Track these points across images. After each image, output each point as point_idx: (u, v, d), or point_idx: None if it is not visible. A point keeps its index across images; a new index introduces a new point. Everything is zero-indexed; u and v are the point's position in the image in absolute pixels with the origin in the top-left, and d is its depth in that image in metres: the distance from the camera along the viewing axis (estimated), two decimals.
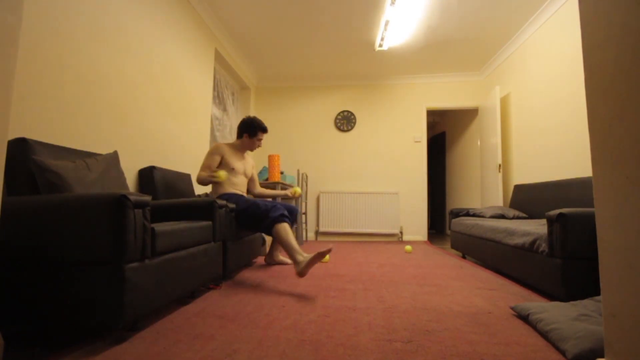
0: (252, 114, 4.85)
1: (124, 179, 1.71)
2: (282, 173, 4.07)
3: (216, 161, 2.35)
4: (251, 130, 2.47)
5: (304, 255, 1.86)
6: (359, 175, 4.76)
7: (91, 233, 1.07)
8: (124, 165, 2.07)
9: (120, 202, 1.07)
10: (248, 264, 2.66)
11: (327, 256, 2.77)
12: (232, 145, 2.51)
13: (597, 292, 1.53)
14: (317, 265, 2.58)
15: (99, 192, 1.13)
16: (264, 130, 2.50)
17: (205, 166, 2.33)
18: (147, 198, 1.19)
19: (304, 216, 4.41)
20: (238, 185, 2.45)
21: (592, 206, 2.03)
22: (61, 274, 1.08)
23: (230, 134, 4.29)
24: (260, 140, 2.52)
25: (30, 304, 1.08)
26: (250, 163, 2.64)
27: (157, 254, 1.25)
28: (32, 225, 1.10)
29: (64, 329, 1.08)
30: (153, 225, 1.29)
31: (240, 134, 2.51)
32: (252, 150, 2.55)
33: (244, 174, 2.52)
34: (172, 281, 1.36)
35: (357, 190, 4.65)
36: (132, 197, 1.10)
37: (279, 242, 2.03)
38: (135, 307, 1.11)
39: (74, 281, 1.07)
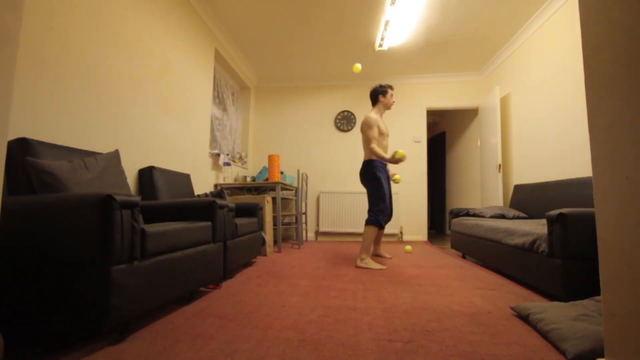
0: (252, 114, 4.85)
1: (124, 179, 1.71)
2: (282, 173, 4.07)
3: (376, 132, 2.72)
4: (383, 91, 2.84)
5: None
6: (359, 176, 4.76)
7: (77, 234, 1.05)
8: (124, 164, 2.08)
9: (105, 202, 1.05)
10: (248, 263, 2.66)
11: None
12: (377, 113, 2.85)
13: (597, 292, 1.53)
14: (317, 265, 2.58)
15: (85, 192, 1.11)
16: (391, 87, 2.89)
17: (374, 139, 2.69)
18: (136, 198, 1.16)
19: (303, 216, 4.41)
20: (386, 147, 2.85)
21: (592, 206, 2.03)
22: (48, 274, 1.07)
23: (230, 134, 4.29)
24: (392, 95, 2.88)
25: (22, 304, 1.08)
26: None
27: (147, 255, 1.23)
28: (21, 225, 1.10)
29: (54, 331, 1.07)
30: (145, 226, 1.26)
31: (375, 100, 2.87)
32: (389, 108, 2.90)
33: (387, 134, 2.86)
34: (166, 283, 1.33)
35: (357, 190, 4.65)
36: (118, 198, 1.07)
37: (364, 238, 2.63)
38: (123, 310, 1.08)
39: (61, 282, 1.06)
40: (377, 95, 2.86)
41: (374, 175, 2.70)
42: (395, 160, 2.55)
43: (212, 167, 3.47)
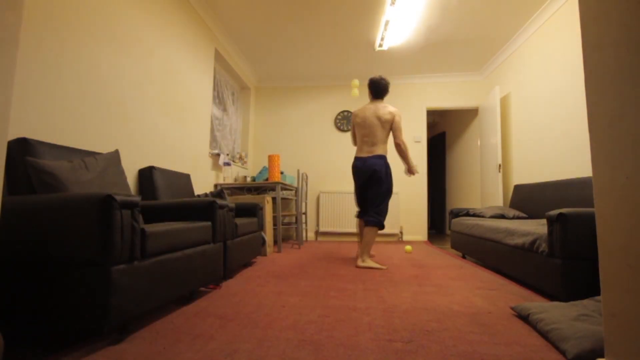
0: (252, 114, 4.85)
1: (124, 179, 1.71)
2: (282, 173, 4.07)
3: None
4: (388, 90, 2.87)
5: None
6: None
7: (77, 234, 1.04)
8: (124, 164, 2.07)
9: (105, 202, 1.05)
10: (248, 263, 2.66)
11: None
12: None
13: (597, 292, 1.53)
14: (317, 265, 2.58)
15: (85, 192, 1.10)
16: None
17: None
18: (136, 198, 1.16)
19: (303, 216, 4.41)
20: None
21: (592, 206, 2.03)
22: (48, 274, 1.07)
23: (230, 134, 4.29)
24: None
25: (22, 304, 1.08)
26: None
27: (147, 255, 1.22)
28: (20, 225, 1.09)
29: (54, 331, 1.07)
30: (145, 226, 1.26)
31: (383, 95, 2.84)
32: None
33: None
34: (166, 283, 1.33)
35: None
36: (118, 198, 1.07)
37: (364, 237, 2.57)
38: (123, 310, 1.08)
39: (61, 282, 1.06)
40: (386, 92, 2.84)
41: (390, 173, 2.68)
42: (414, 170, 2.63)
43: (212, 167, 3.47)
